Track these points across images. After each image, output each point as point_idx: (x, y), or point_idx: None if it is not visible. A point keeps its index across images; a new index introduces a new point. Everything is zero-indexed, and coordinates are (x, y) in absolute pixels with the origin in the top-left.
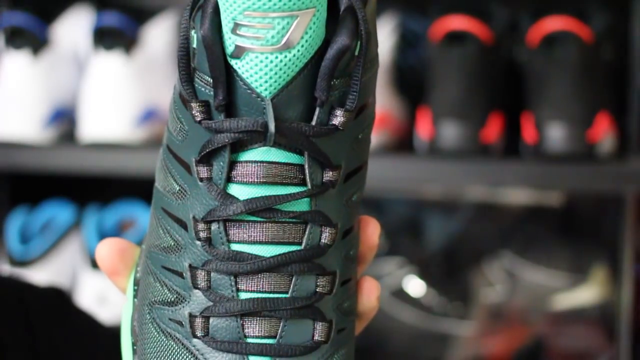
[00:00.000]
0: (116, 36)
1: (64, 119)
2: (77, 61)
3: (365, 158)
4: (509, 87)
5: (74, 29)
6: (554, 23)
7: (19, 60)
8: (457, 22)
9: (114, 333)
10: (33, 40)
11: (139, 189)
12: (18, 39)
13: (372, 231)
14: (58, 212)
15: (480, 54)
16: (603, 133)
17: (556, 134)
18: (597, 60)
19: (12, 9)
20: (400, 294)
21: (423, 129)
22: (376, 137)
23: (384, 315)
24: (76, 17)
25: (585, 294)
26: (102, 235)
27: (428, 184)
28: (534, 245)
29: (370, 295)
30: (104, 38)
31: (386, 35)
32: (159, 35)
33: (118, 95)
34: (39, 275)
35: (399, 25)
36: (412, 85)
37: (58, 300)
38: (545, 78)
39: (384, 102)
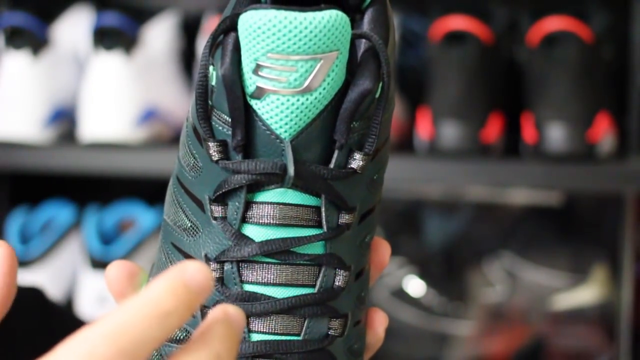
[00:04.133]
0: (116, 36)
1: (64, 119)
2: (77, 61)
3: (378, 198)
4: (509, 87)
5: (74, 29)
6: (554, 23)
7: (19, 60)
8: (457, 22)
9: None
10: (33, 40)
11: (139, 189)
12: (18, 39)
13: (383, 252)
14: (58, 212)
15: (480, 54)
16: (603, 133)
17: (556, 134)
18: (597, 60)
19: (12, 9)
20: (400, 294)
21: (423, 129)
22: None
23: None
24: (76, 17)
25: (585, 294)
26: (102, 235)
27: (428, 184)
28: (534, 245)
29: (379, 327)
30: (104, 38)
31: None
32: (159, 35)
33: (118, 95)
34: (39, 275)
35: (399, 25)
36: (412, 85)
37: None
38: (545, 78)
39: None
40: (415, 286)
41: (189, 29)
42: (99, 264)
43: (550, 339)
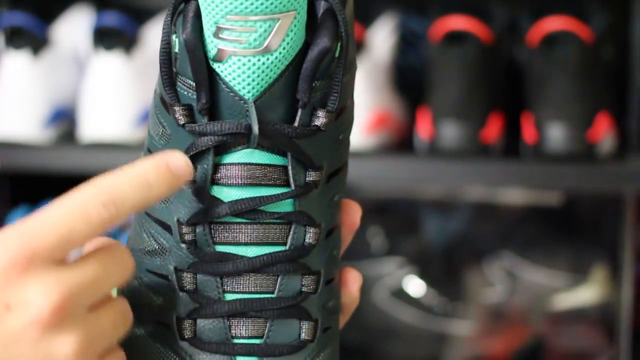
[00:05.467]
0: (116, 36)
1: (64, 119)
2: (77, 61)
3: (345, 159)
4: (509, 87)
5: (74, 29)
6: (554, 23)
7: (19, 60)
8: (457, 22)
9: None
10: (33, 40)
11: None
12: (18, 39)
13: (353, 213)
14: None
15: (480, 54)
16: (603, 133)
17: (556, 134)
18: (597, 60)
19: (12, 9)
20: (400, 294)
21: (423, 129)
22: (376, 137)
23: (384, 315)
24: (76, 17)
25: (585, 294)
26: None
27: (428, 184)
28: (534, 245)
29: (352, 286)
30: (104, 38)
31: (386, 35)
32: (159, 35)
33: (118, 95)
34: None
35: (399, 25)
36: (412, 85)
37: None
38: (545, 78)
39: (384, 102)
40: (415, 286)
41: None
42: None
43: (550, 339)
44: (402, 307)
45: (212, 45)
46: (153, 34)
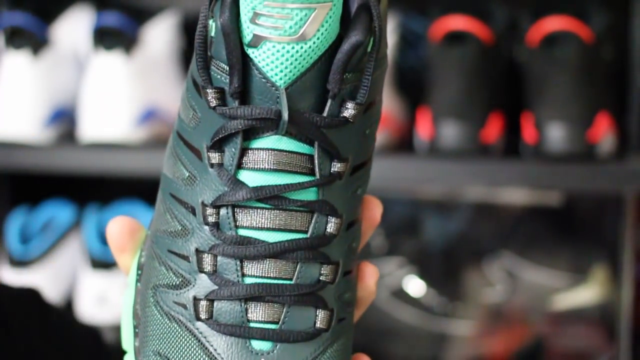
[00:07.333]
0: (116, 36)
1: (64, 119)
2: (77, 61)
3: (370, 154)
4: (509, 87)
5: (74, 29)
6: (554, 23)
7: (19, 60)
8: (457, 22)
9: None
10: (33, 40)
11: (139, 189)
12: (18, 39)
13: (375, 209)
14: (58, 212)
15: (480, 54)
16: (603, 133)
17: (556, 134)
18: (597, 60)
19: (12, 9)
20: (400, 294)
21: (423, 129)
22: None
23: (384, 315)
24: (76, 17)
25: (585, 294)
26: (102, 235)
27: (428, 184)
28: (534, 245)
29: (369, 280)
30: (104, 38)
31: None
32: (159, 35)
33: (118, 95)
34: (39, 275)
35: (399, 25)
36: (412, 85)
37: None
38: (545, 78)
39: (384, 102)
40: (415, 286)
41: (189, 29)
42: (99, 264)
43: (550, 339)
44: (402, 307)
45: (248, 31)
46: (153, 34)
